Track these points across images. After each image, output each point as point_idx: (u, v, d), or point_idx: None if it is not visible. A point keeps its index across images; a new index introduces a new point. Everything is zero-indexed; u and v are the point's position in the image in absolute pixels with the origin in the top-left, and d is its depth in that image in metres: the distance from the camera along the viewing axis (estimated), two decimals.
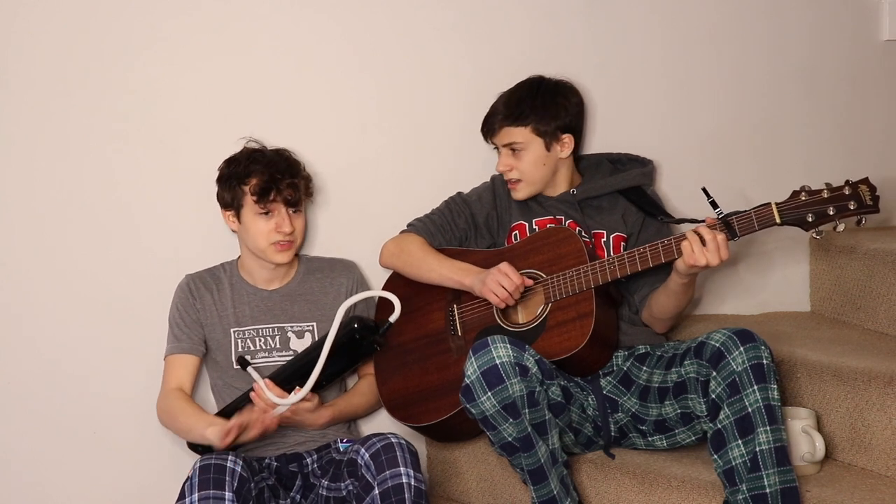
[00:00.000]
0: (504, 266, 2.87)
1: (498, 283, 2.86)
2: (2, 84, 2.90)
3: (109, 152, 2.99)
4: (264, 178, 2.86)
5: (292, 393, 2.82)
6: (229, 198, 2.91)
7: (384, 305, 3.03)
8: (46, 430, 2.98)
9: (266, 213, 2.88)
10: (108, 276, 3.00)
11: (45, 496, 2.99)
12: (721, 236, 2.67)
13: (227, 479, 2.60)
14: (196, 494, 2.58)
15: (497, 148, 3.06)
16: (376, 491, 2.61)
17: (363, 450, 2.67)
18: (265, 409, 2.82)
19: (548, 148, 2.99)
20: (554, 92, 3.02)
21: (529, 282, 2.89)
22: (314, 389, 2.84)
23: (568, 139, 3.01)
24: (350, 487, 2.73)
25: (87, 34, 2.94)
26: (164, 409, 2.92)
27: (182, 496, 2.61)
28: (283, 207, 2.89)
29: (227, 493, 2.59)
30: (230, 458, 2.64)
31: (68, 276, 2.97)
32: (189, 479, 2.62)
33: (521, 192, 3.04)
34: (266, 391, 2.81)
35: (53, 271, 2.96)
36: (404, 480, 2.61)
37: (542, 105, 2.98)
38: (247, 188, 2.88)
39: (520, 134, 2.98)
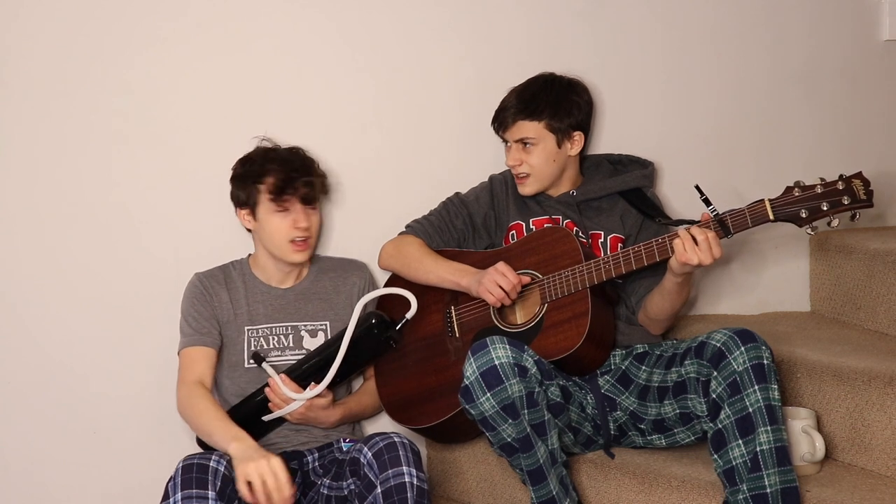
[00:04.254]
0: (500, 265, 2.87)
1: (494, 282, 2.86)
2: (2, 84, 2.90)
3: (109, 152, 2.99)
4: (280, 176, 2.89)
5: (308, 388, 2.83)
6: (245, 196, 2.92)
7: (391, 304, 3.04)
8: (47, 429, 2.97)
9: (282, 211, 2.90)
10: (109, 275, 3.00)
11: (45, 494, 2.99)
12: (713, 234, 2.67)
13: (210, 478, 2.59)
14: (179, 494, 2.57)
15: (507, 142, 3.05)
16: (379, 490, 2.61)
17: (366, 448, 2.67)
18: (279, 405, 2.83)
19: (559, 145, 2.99)
20: (568, 89, 3.02)
21: (526, 279, 2.89)
22: (328, 386, 2.85)
23: (579, 137, 3.02)
24: (352, 486, 2.73)
25: (86, 34, 2.94)
26: (187, 404, 2.86)
27: (166, 496, 2.60)
28: (299, 204, 2.91)
29: (210, 493, 2.58)
30: (213, 457, 2.63)
31: (69, 275, 2.97)
32: (172, 478, 2.61)
33: (528, 188, 3.04)
34: (282, 386, 2.82)
35: (54, 270, 2.96)
36: (407, 480, 2.61)
37: (556, 101, 2.98)
38: (263, 186, 2.89)
39: (533, 129, 2.98)
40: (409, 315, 2.91)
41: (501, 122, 3.03)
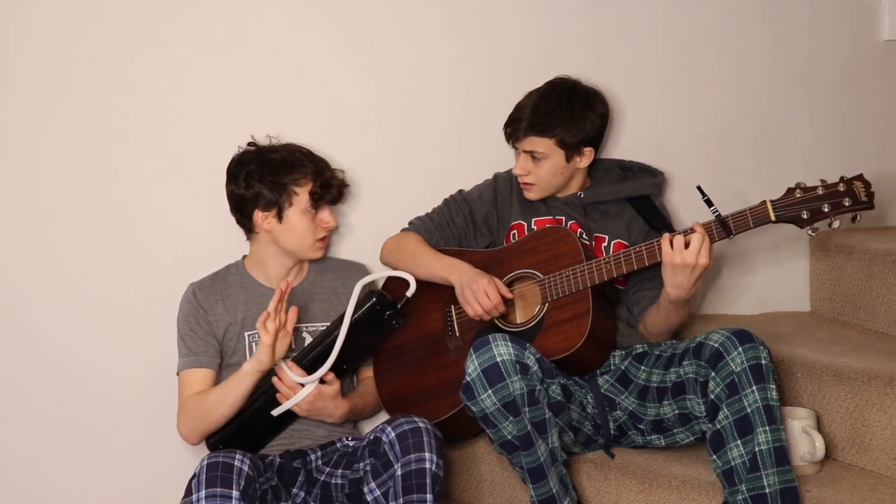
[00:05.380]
0: (485, 284, 2.86)
1: (475, 299, 2.86)
2: (2, 84, 2.90)
3: (110, 152, 2.99)
4: (319, 178, 2.91)
5: (315, 371, 2.82)
6: (274, 198, 2.89)
7: (390, 293, 3.04)
8: (47, 429, 2.98)
9: (313, 211, 2.91)
10: (109, 275, 3.00)
11: (45, 494, 2.99)
12: (706, 243, 2.66)
13: (235, 477, 2.60)
14: (203, 492, 2.58)
15: (516, 148, 3.04)
16: (399, 472, 2.63)
17: (389, 429, 2.68)
18: (288, 395, 2.82)
19: (568, 160, 2.98)
20: (584, 104, 2.98)
21: (510, 295, 2.89)
22: (336, 375, 2.85)
23: (589, 152, 3.00)
24: (367, 466, 2.73)
25: (86, 34, 2.94)
26: (192, 411, 2.87)
27: (188, 493, 2.60)
28: (327, 203, 2.94)
29: (234, 492, 2.58)
30: (237, 456, 2.63)
31: (69, 275, 2.97)
32: (196, 475, 2.61)
33: (533, 194, 3.03)
34: (289, 372, 2.81)
35: (54, 270, 2.96)
36: (427, 466, 2.64)
37: (571, 118, 2.94)
38: (300, 188, 2.89)
39: (543, 144, 2.95)
40: (408, 293, 2.91)
41: (513, 132, 3.00)
